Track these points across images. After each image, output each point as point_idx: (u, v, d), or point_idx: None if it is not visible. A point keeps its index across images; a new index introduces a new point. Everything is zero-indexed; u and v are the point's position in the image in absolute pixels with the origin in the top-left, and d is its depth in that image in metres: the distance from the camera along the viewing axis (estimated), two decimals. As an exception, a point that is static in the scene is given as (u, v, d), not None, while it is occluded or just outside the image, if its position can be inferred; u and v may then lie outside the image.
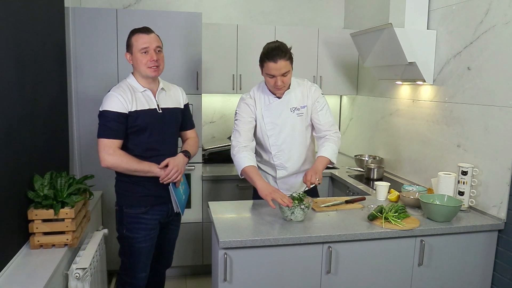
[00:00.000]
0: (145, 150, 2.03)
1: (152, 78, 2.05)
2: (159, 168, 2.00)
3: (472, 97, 2.31)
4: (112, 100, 1.96)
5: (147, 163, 1.99)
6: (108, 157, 1.94)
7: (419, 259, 2.01)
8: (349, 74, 3.73)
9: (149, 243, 2.10)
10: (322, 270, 1.91)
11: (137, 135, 2.01)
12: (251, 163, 2.18)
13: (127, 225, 2.06)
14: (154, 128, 2.04)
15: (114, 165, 1.96)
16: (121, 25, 2.84)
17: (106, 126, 1.95)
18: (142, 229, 2.06)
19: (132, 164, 1.96)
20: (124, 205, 2.08)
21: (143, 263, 2.10)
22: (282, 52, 2.11)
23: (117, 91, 1.98)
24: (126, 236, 2.07)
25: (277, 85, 2.16)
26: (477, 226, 2.06)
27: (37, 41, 2.11)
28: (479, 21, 2.24)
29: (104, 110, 1.96)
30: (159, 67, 2.02)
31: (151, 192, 2.07)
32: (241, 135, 2.27)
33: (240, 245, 1.78)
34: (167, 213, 2.15)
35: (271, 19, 3.86)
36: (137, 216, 2.06)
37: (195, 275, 3.30)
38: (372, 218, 2.02)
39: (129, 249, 2.08)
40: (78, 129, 2.89)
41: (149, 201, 2.07)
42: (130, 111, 1.97)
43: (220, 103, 3.85)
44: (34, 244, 1.87)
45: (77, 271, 1.84)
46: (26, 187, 1.90)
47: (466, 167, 2.21)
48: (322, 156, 2.25)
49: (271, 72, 2.13)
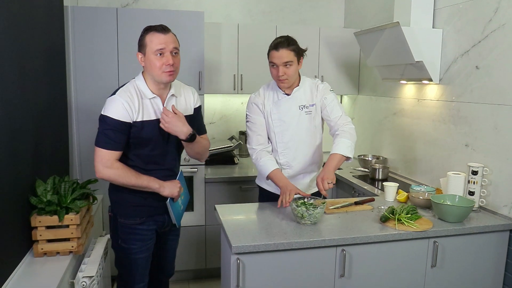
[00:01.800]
0: (146, 163, 1.88)
1: (166, 84, 1.86)
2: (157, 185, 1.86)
3: (481, 96, 2.29)
4: (116, 106, 1.76)
5: (146, 178, 1.83)
6: (104, 169, 1.77)
7: (432, 260, 1.98)
8: (350, 74, 3.71)
9: (146, 254, 1.97)
10: (335, 274, 1.87)
11: (139, 147, 1.86)
12: (274, 167, 2.19)
13: (122, 236, 1.93)
14: (158, 141, 1.88)
15: (110, 179, 1.80)
16: (121, 25, 2.78)
17: (105, 134, 1.76)
18: (137, 240, 1.93)
19: (130, 179, 1.79)
20: (118, 214, 1.94)
21: (140, 274, 1.97)
22: (286, 42, 2.10)
23: (123, 96, 1.78)
24: (121, 247, 1.94)
25: (279, 75, 2.12)
26: (489, 227, 2.04)
27: (37, 43, 2.04)
28: (488, 19, 2.22)
29: (106, 115, 1.77)
30: (175, 71, 1.82)
31: (147, 202, 1.91)
32: (255, 139, 2.26)
33: (253, 250, 1.73)
34: (163, 223, 2.01)
35: (271, 18, 3.82)
36: (132, 227, 1.92)
37: (198, 279, 3.25)
38: (385, 219, 1.99)
39: (124, 260, 1.95)
40: (77, 131, 2.81)
41: (145, 211, 1.92)
42: (135, 121, 1.80)
43: (221, 103, 3.80)
44: (37, 252, 1.81)
45: (83, 279, 1.77)
46: (28, 193, 1.83)
47: (477, 166, 2.19)
48: (333, 154, 2.14)
49: (273, 60, 2.13)
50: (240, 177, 3.15)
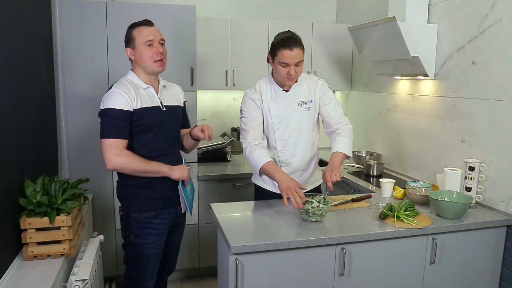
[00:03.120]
0: (150, 150, 1.92)
1: (157, 74, 1.94)
2: (168, 168, 1.91)
3: (477, 92, 2.28)
4: (116, 97, 1.81)
5: (156, 163, 1.88)
6: (115, 158, 1.78)
7: (431, 257, 1.97)
8: (343, 69, 3.68)
9: (157, 249, 1.98)
10: (335, 273, 1.84)
11: (142, 134, 1.89)
12: (267, 159, 2.08)
13: (135, 231, 1.93)
14: (159, 127, 1.93)
15: (121, 167, 1.81)
16: (111, 19, 2.69)
17: (110, 125, 1.79)
18: (151, 235, 1.94)
19: (141, 165, 1.82)
20: (131, 210, 1.93)
21: (151, 270, 1.98)
22: (297, 41, 2.06)
23: (120, 87, 1.84)
24: (133, 243, 1.93)
25: (290, 75, 2.07)
26: (487, 222, 2.04)
27: (25, 38, 1.96)
28: (485, 14, 2.21)
29: (107, 108, 1.80)
30: (164, 61, 1.91)
31: (160, 195, 1.95)
32: (250, 134, 2.16)
33: (252, 250, 1.69)
34: (175, 216, 2.05)
35: (263, 13, 3.76)
36: (146, 221, 1.93)
37: (191, 278, 3.20)
38: (384, 217, 1.96)
39: (136, 256, 1.95)
40: (66, 129, 2.72)
41: (158, 204, 1.95)
42: (135, 108, 1.84)
43: (212, 100, 3.73)
44: (27, 255, 1.74)
45: (76, 283, 1.71)
46: (16, 193, 1.75)
47: (474, 162, 2.18)
48: (337, 152, 2.15)
49: (285, 60, 2.04)
50: (233, 175, 3.10)
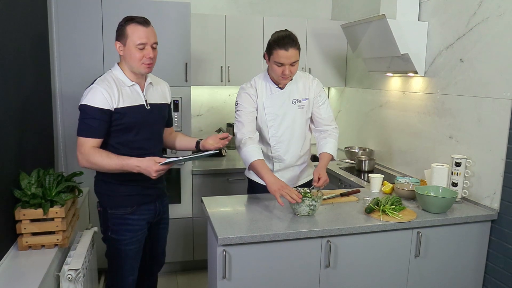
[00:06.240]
0: (131, 149, 1.88)
1: (143, 74, 1.91)
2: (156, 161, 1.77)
3: (465, 89, 2.32)
4: (95, 94, 1.77)
5: (122, 157, 1.78)
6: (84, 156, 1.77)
7: (416, 250, 2.02)
8: (338, 66, 3.72)
9: (136, 245, 1.97)
10: (321, 264, 1.89)
11: (123, 133, 1.86)
12: (259, 156, 2.11)
13: (112, 227, 1.93)
14: (142, 126, 1.89)
15: (91, 165, 1.78)
16: (106, 15, 2.73)
17: (85, 123, 1.78)
18: (128, 231, 1.93)
19: (109, 161, 1.76)
20: (108, 206, 1.93)
21: (130, 266, 1.98)
22: (293, 41, 2.07)
23: (101, 84, 1.80)
24: (111, 239, 1.94)
25: (285, 74, 2.11)
26: (472, 217, 2.08)
27: (20, 32, 1.99)
28: (472, 13, 2.24)
29: (85, 104, 1.78)
30: (152, 64, 1.88)
31: (137, 191, 1.93)
32: (244, 126, 2.18)
33: (239, 241, 1.74)
34: (155, 212, 2.03)
35: (258, 10, 3.80)
36: (123, 217, 1.92)
37: (185, 271, 3.25)
38: (370, 211, 2.01)
39: (115, 251, 1.95)
40: (62, 123, 2.76)
41: (135, 200, 1.94)
42: (116, 107, 1.81)
43: (208, 95, 3.78)
44: (22, 245, 1.79)
45: (69, 272, 1.76)
46: (11, 185, 1.80)
47: (460, 158, 2.23)
48: (326, 153, 2.25)
49: (280, 60, 2.07)
50: (227, 169, 3.15)
